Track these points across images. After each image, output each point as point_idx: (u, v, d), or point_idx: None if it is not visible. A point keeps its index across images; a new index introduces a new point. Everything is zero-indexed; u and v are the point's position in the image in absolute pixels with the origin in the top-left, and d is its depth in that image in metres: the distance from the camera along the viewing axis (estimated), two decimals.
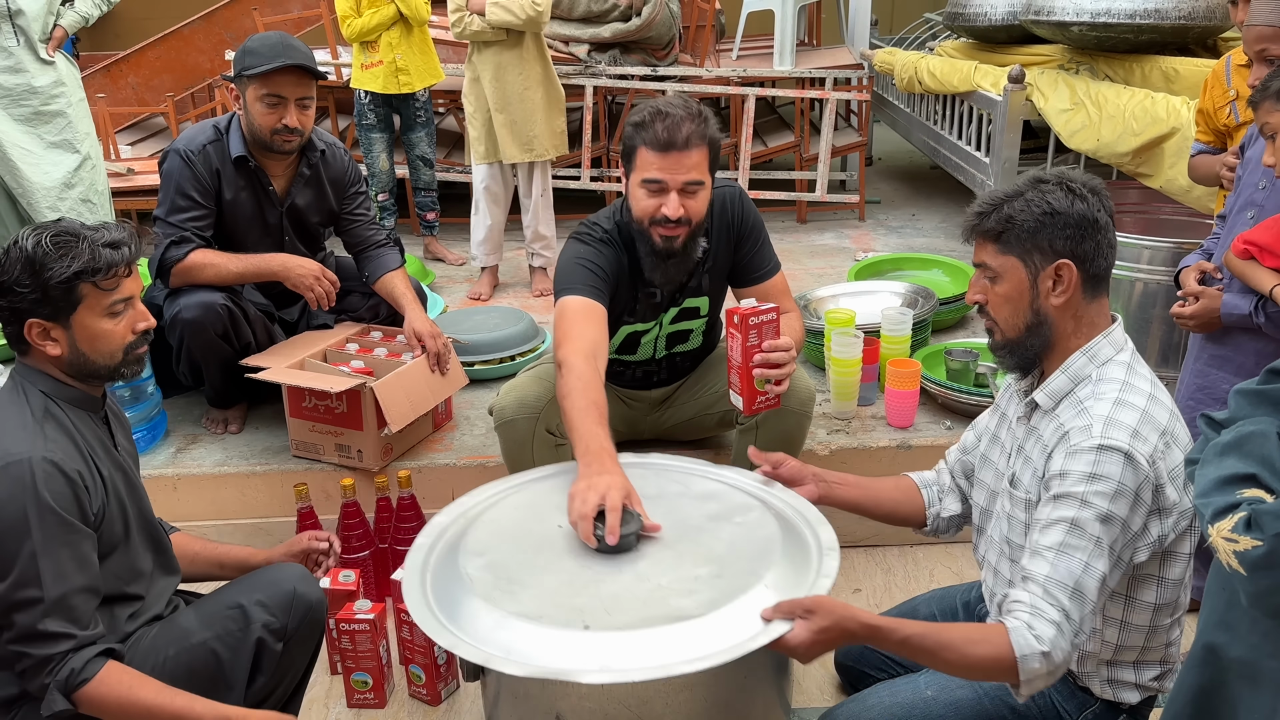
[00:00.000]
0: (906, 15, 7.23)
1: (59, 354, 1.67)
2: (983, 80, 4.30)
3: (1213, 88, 2.57)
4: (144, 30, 6.17)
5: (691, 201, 2.15)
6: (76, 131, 3.51)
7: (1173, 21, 3.75)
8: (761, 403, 2.09)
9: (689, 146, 2.09)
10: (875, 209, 5.44)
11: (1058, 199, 1.57)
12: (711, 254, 2.36)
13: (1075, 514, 1.51)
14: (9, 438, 1.60)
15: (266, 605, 1.77)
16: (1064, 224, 1.56)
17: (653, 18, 4.96)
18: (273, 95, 2.61)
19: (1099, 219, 1.57)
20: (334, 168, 2.87)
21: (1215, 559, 1.26)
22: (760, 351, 2.04)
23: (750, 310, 2.04)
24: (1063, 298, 1.59)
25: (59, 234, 1.65)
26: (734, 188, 2.39)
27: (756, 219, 2.39)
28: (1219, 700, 1.39)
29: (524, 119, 3.93)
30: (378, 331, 2.94)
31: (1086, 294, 1.61)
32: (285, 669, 1.85)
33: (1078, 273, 1.58)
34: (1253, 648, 1.33)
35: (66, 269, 1.62)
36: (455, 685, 2.31)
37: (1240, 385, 1.37)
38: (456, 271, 4.54)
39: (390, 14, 4.12)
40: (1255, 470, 1.23)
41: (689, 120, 2.10)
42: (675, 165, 2.10)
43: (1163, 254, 3.12)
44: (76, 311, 1.66)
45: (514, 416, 2.32)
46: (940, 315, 3.43)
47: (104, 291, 1.67)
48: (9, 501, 1.55)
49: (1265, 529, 1.16)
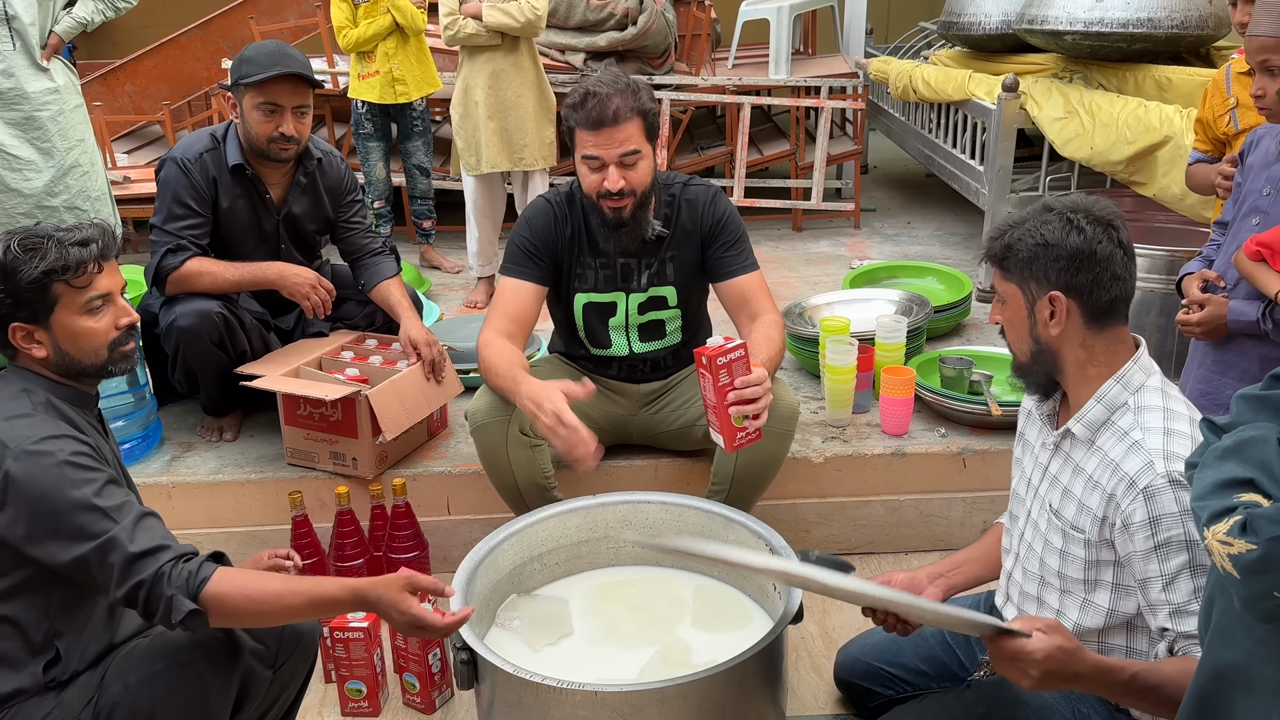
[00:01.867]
0: (901, 24, 7.26)
1: (45, 355, 1.69)
2: (977, 89, 4.32)
3: (1212, 96, 2.58)
4: (141, 39, 6.17)
5: (631, 172, 2.26)
6: (67, 139, 3.51)
7: (1165, 31, 3.77)
8: (743, 439, 2.09)
9: (619, 121, 2.22)
10: (870, 217, 5.46)
11: (1052, 230, 1.55)
12: (673, 242, 2.42)
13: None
14: (24, 425, 1.61)
15: (251, 631, 1.74)
16: (1056, 256, 1.55)
17: (648, 26, 4.97)
18: (269, 103, 2.62)
19: (1098, 251, 1.54)
20: (330, 176, 2.87)
21: (1211, 564, 1.26)
22: (733, 389, 2.04)
23: (717, 350, 2.02)
24: (1059, 329, 1.58)
25: (26, 237, 1.66)
26: (709, 188, 2.47)
27: (730, 218, 2.45)
28: (1216, 707, 1.39)
29: (516, 127, 3.94)
30: (373, 339, 2.94)
31: (1092, 325, 1.58)
32: (276, 693, 1.83)
33: (1074, 305, 1.56)
34: (1247, 654, 1.33)
35: (34, 269, 1.63)
36: (450, 693, 2.30)
37: (1243, 390, 1.37)
38: (453, 279, 4.54)
39: (386, 24, 4.13)
40: (1254, 475, 1.23)
41: (617, 95, 2.22)
42: (609, 140, 2.23)
43: (1157, 262, 3.14)
44: (54, 312, 1.67)
45: (485, 420, 2.35)
46: (935, 323, 3.44)
47: (77, 289, 1.67)
48: (43, 474, 1.55)
49: (1260, 533, 1.16)
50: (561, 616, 2.18)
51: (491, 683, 1.88)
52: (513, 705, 1.84)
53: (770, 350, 2.28)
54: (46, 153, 3.47)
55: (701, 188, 2.46)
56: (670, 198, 2.44)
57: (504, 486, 2.43)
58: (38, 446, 1.56)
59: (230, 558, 2.05)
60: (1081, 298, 1.56)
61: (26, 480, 1.54)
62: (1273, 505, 1.18)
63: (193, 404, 3.03)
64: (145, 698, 1.66)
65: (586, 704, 1.74)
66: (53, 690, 1.65)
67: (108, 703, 1.65)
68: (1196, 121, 2.65)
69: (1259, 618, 1.26)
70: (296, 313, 2.99)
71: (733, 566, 2.12)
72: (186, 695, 1.68)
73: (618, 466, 2.71)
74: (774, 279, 4.35)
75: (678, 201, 2.43)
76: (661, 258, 2.44)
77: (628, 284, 2.46)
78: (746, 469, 2.38)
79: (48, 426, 1.61)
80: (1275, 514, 1.16)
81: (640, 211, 2.32)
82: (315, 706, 2.30)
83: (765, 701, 1.92)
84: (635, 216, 2.32)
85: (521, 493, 2.41)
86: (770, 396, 2.10)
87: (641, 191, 2.29)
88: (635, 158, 2.26)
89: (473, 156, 3.99)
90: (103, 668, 1.70)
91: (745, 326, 2.41)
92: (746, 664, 1.80)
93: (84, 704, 1.65)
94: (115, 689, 1.66)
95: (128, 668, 1.69)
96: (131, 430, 2.78)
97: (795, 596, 1.94)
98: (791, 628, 1.95)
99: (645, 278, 2.46)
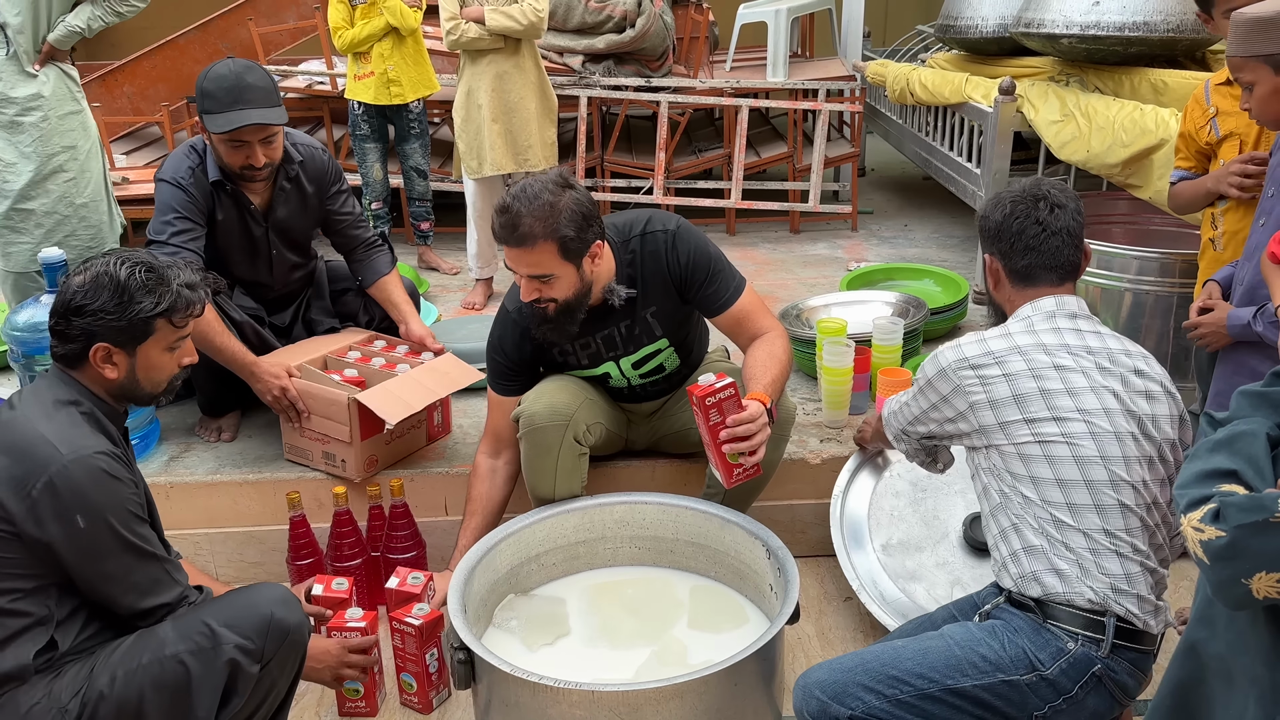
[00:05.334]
0: (899, 27, 7.27)
1: (115, 378, 1.77)
2: (974, 92, 4.33)
3: (1192, 111, 2.58)
4: (140, 40, 6.17)
5: (546, 287, 2.17)
6: (50, 145, 3.50)
7: (1161, 34, 3.79)
8: (740, 474, 2.07)
9: (524, 244, 2.11)
10: (868, 219, 5.47)
11: (988, 208, 1.92)
12: (646, 299, 2.34)
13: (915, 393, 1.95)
14: (73, 432, 1.68)
15: (236, 628, 1.75)
16: (985, 229, 1.92)
17: (647, 29, 4.98)
18: (234, 140, 2.57)
19: (1013, 226, 1.86)
20: (313, 171, 2.84)
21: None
22: (725, 428, 2.02)
23: (706, 390, 2.01)
24: (993, 286, 1.95)
25: (150, 271, 1.76)
26: (666, 233, 2.32)
27: (695, 259, 2.31)
28: (1198, 696, 1.41)
29: (520, 128, 3.94)
30: (381, 340, 2.94)
31: (1016, 284, 1.90)
32: (265, 690, 1.83)
33: (999, 267, 1.91)
34: (1229, 644, 1.35)
35: (155, 306, 1.74)
36: (447, 693, 2.31)
37: (1244, 387, 1.40)
38: (451, 281, 4.55)
39: (381, 25, 4.13)
40: (1238, 467, 1.26)
41: (530, 216, 2.10)
42: (516, 260, 2.16)
43: (1152, 264, 3.15)
44: (145, 343, 1.77)
45: (545, 424, 2.30)
46: (931, 325, 3.45)
47: (175, 329, 1.80)
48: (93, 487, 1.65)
49: (1229, 520, 1.19)
50: (558, 616, 2.19)
51: (489, 682, 1.89)
52: (510, 705, 1.84)
53: (773, 371, 2.23)
54: (27, 156, 3.48)
55: (659, 234, 2.31)
56: (630, 255, 2.32)
57: (540, 491, 2.38)
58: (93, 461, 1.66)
59: (228, 557, 2.08)
60: (1004, 261, 1.90)
61: (76, 489, 1.63)
62: (1245, 495, 1.21)
63: (191, 404, 3.03)
64: (133, 690, 1.69)
65: (583, 704, 1.75)
66: (43, 679, 1.68)
67: (95, 694, 1.68)
68: (1180, 137, 2.64)
69: (1229, 604, 1.29)
70: (293, 310, 3.00)
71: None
72: (172, 686, 1.71)
73: (615, 467, 2.72)
74: (771, 281, 4.36)
75: (639, 257, 2.31)
76: (639, 317, 2.35)
77: (614, 352, 2.40)
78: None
79: (99, 441, 1.70)
80: (1245, 503, 1.19)
81: (568, 313, 2.23)
82: (313, 706, 2.31)
83: (761, 702, 1.93)
84: (562, 316, 2.22)
85: (555, 501, 2.38)
86: (766, 432, 2.07)
87: (563, 299, 2.20)
88: (548, 279, 2.16)
89: (475, 160, 3.99)
90: (91, 660, 1.72)
91: (747, 347, 2.35)
92: (743, 664, 1.80)
93: (72, 695, 1.68)
94: (103, 680, 1.69)
95: (116, 661, 1.71)
96: (131, 430, 2.78)
97: (792, 598, 1.95)
98: (788, 628, 1.96)
99: (630, 342, 2.39)
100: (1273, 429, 1.32)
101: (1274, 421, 1.33)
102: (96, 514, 1.65)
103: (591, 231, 2.17)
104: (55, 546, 1.64)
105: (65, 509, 1.63)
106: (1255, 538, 1.17)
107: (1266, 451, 1.29)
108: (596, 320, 2.33)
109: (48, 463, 1.63)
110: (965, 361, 1.82)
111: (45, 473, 1.62)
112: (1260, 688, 1.30)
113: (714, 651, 2.00)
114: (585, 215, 2.15)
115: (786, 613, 1.92)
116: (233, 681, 1.75)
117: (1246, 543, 1.18)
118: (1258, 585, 1.19)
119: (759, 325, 2.34)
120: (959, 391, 1.82)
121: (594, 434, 2.43)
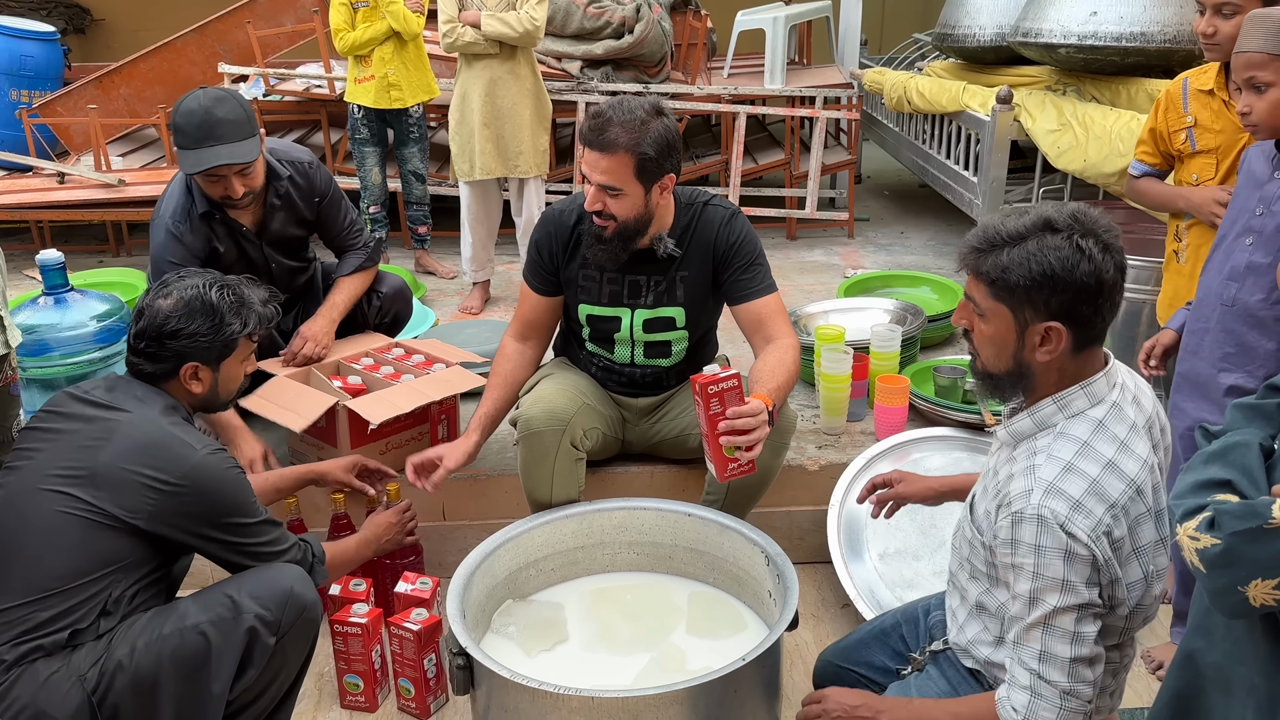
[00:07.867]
0: (896, 35, 7.29)
1: (200, 392, 1.91)
2: (971, 100, 4.35)
3: (1167, 109, 2.47)
4: (136, 42, 6.17)
5: (611, 200, 2.21)
6: None
7: (1158, 45, 3.81)
8: (734, 469, 2.04)
9: (605, 149, 2.16)
10: (864, 226, 5.48)
11: (1062, 259, 1.42)
12: (684, 263, 2.37)
13: (1030, 586, 1.46)
14: (194, 433, 1.84)
15: (259, 598, 1.82)
16: (1063, 288, 1.43)
17: (645, 35, 5.00)
18: (208, 176, 2.53)
19: (1105, 279, 1.44)
20: (302, 183, 2.79)
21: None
22: (724, 419, 2.00)
23: (709, 378, 1.99)
24: (1049, 356, 1.49)
25: (233, 291, 1.93)
26: (728, 208, 2.39)
27: (746, 240, 2.37)
28: (1196, 706, 1.42)
29: (511, 135, 3.95)
30: (400, 349, 2.92)
31: (1076, 350, 1.49)
32: (278, 667, 1.87)
33: (1069, 334, 1.47)
34: (1226, 654, 1.36)
35: (240, 330, 1.88)
36: (445, 699, 2.31)
37: (1239, 400, 1.42)
38: (448, 285, 4.55)
39: (383, 29, 4.14)
40: (1232, 477, 1.28)
41: (618, 125, 2.16)
42: (592, 164, 2.19)
43: (1147, 273, 3.16)
44: (228, 359, 1.93)
45: (543, 428, 2.30)
46: (928, 332, 3.46)
47: (252, 344, 1.97)
48: (228, 474, 1.83)
49: (1223, 528, 1.21)
50: (557, 622, 2.19)
51: (487, 688, 1.88)
52: (508, 711, 1.84)
53: (780, 378, 2.22)
54: None
55: (720, 208, 2.38)
56: (689, 217, 2.37)
57: (537, 495, 2.38)
58: (219, 455, 1.83)
59: (290, 470, 2.32)
60: (1078, 328, 1.47)
61: (217, 477, 1.80)
62: (1239, 503, 1.23)
63: None
64: (151, 661, 1.73)
65: (582, 709, 1.75)
66: (63, 651, 1.72)
67: (113, 664, 1.72)
68: (1147, 130, 2.53)
69: (1225, 612, 1.30)
70: (295, 312, 3.00)
71: None
72: (191, 657, 1.75)
73: (614, 473, 2.72)
74: None
75: (695, 221, 2.36)
76: (671, 276, 2.38)
77: (634, 300, 2.41)
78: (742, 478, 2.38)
79: (212, 440, 1.86)
80: (1239, 510, 1.21)
81: (619, 238, 2.26)
82: (315, 695, 2.32)
83: (760, 709, 1.93)
84: (617, 239, 2.26)
85: (552, 505, 2.37)
86: (765, 430, 2.04)
87: (623, 220, 2.23)
88: (615, 193, 2.19)
89: (466, 163, 4.00)
90: (111, 633, 1.76)
91: (760, 350, 2.35)
92: (741, 671, 1.80)
93: (91, 664, 1.72)
94: (122, 651, 1.73)
95: (136, 632, 1.75)
96: None
97: (791, 604, 1.95)
98: (786, 635, 1.96)
99: (652, 296, 2.40)
100: (1266, 440, 1.33)
101: (1268, 433, 1.34)
102: (236, 495, 1.83)
103: (670, 161, 2.22)
104: (194, 529, 1.79)
105: (208, 494, 1.79)
106: (1250, 544, 1.19)
107: (1260, 462, 1.30)
108: (635, 263, 2.36)
109: (187, 456, 1.77)
110: (1101, 526, 1.43)
111: (188, 463, 1.77)
112: (1258, 697, 1.31)
113: (712, 658, 2.00)
114: (669, 143, 2.21)
115: (786, 619, 1.92)
116: (249, 653, 1.80)
117: (1241, 550, 1.19)
118: (1254, 592, 1.20)
119: (778, 329, 2.36)
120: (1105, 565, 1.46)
121: (591, 439, 2.43)
